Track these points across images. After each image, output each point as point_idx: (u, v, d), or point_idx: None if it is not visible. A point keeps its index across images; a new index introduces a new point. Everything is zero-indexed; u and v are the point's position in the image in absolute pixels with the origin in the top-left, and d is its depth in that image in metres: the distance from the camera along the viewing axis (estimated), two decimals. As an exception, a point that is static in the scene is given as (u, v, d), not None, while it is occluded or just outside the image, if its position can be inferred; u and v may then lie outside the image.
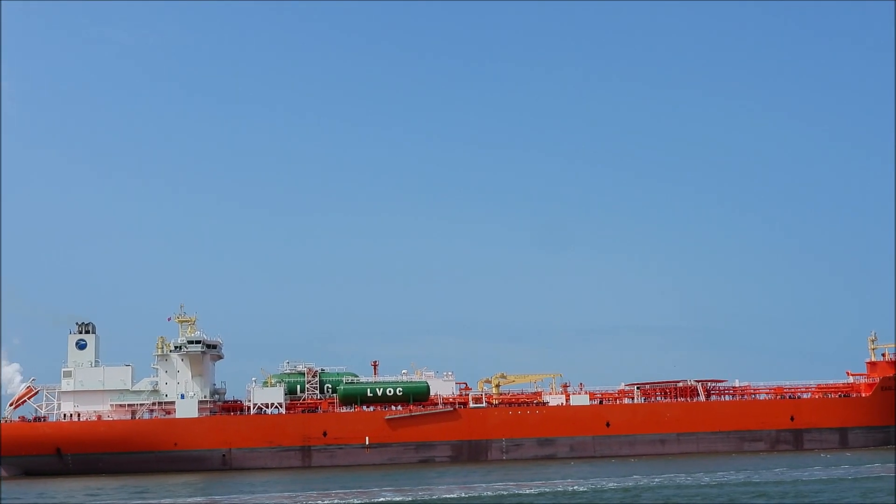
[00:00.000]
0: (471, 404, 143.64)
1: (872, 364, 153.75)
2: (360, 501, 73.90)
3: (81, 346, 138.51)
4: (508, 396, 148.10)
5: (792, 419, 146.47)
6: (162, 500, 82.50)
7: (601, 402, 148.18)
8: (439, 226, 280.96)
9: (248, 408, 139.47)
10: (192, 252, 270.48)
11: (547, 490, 79.05)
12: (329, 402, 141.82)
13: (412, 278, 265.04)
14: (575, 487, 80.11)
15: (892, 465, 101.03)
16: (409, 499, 74.22)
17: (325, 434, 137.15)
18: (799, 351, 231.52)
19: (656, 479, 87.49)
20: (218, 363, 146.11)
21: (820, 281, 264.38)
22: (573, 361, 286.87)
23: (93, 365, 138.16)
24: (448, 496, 75.84)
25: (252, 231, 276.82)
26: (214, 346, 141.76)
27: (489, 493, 76.76)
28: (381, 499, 74.82)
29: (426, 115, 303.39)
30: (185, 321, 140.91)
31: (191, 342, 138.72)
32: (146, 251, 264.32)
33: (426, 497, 75.44)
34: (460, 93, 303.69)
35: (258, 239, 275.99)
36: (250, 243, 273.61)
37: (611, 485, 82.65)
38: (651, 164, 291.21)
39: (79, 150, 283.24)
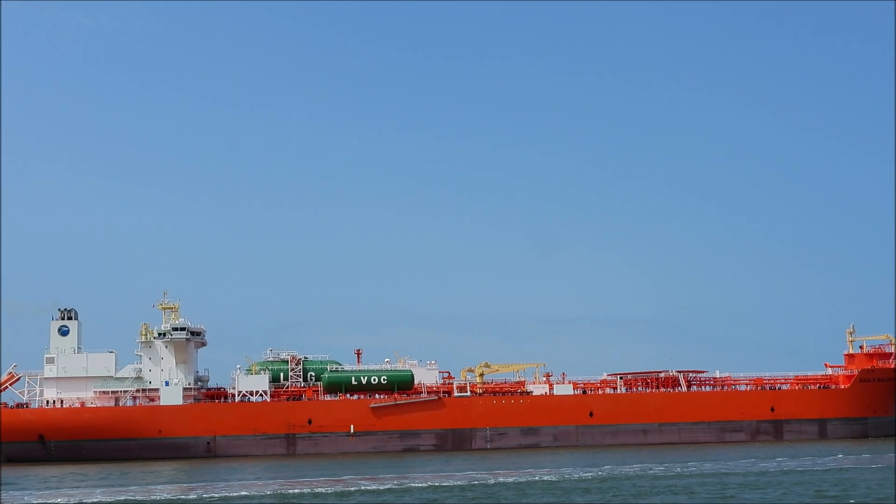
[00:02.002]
0: (455, 393, 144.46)
1: (850, 356, 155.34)
2: (331, 490, 74.43)
3: (64, 332, 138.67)
4: (492, 386, 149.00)
5: (772, 410, 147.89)
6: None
7: (584, 392, 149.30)
8: (423, 219, 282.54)
9: (233, 395, 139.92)
10: (176, 240, 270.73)
11: (523, 480, 79.70)
12: (313, 390, 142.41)
13: (395, 269, 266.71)
14: (548, 477, 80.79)
15: (846, 456, 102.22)
16: (384, 487, 74.78)
17: (309, 422, 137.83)
18: (778, 343, 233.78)
19: (633, 468, 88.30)
20: (200, 350, 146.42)
21: (799, 274, 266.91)
22: (556, 351, 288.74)
23: (76, 351, 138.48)
24: (422, 485, 76.43)
25: (236, 220, 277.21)
26: (199, 334, 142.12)
27: (461, 483, 77.32)
28: (353, 487, 75.40)
29: (415, 111, 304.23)
30: (169, 308, 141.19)
31: (175, 329, 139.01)
32: (129, 237, 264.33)
33: (399, 485, 76.00)
34: (450, 90, 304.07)
35: (242, 228, 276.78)
36: (234, 232, 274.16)
37: (586, 475, 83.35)
38: (631, 160, 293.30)
39: (60, 138, 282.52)
